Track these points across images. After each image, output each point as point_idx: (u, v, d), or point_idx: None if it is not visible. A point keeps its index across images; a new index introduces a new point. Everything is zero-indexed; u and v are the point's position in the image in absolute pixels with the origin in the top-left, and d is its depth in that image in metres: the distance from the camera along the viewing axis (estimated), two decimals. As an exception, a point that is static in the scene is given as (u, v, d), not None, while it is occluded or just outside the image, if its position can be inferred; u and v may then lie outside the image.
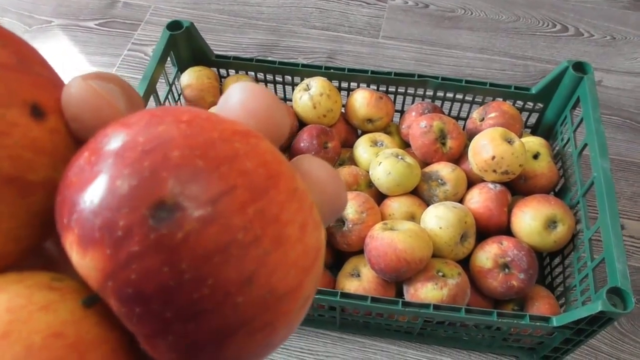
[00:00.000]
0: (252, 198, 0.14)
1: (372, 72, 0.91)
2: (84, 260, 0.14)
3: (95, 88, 0.17)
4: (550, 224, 0.77)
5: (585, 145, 0.79)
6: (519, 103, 0.93)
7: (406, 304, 0.69)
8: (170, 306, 0.13)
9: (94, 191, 0.14)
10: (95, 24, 1.26)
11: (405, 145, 0.95)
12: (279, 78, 0.96)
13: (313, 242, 0.16)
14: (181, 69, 0.94)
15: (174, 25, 0.88)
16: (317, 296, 0.69)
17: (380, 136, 0.91)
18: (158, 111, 0.15)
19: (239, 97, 0.18)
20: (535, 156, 0.85)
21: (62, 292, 0.15)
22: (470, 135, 0.89)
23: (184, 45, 0.91)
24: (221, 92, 0.94)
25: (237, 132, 0.15)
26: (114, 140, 0.14)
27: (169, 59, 0.90)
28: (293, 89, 0.95)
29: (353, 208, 0.79)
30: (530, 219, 0.78)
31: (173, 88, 0.93)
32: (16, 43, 0.17)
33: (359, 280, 0.77)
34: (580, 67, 0.85)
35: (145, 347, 0.15)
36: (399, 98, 0.98)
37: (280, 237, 0.15)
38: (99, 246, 0.13)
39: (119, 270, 0.13)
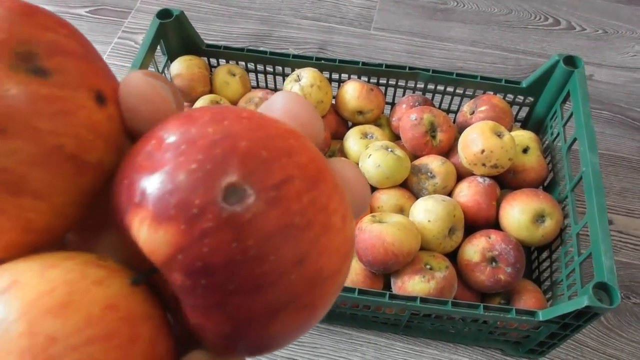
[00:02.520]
0: (306, 188, 0.16)
1: (363, 63, 0.91)
2: (156, 235, 0.15)
3: (154, 83, 0.18)
4: (539, 218, 0.78)
5: (575, 139, 0.79)
6: (510, 96, 0.93)
7: (393, 297, 0.69)
8: (234, 279, 0.15)
9: (169, 173, 0.15)
10: (86, 12, 1.24)
11: (396, 137, 0.95)
12: (269, 68, 0.96)
13: (350, 233, 0.18)
14: (171, 58, 0.93)
15: (164, 14, 0.87)
16: None
17: (371, 128, 0.91)
18: (217, 109, 0.17)
19: (284, 103, 0.19)
20: (525, 150, 0.85)
21: (109, 270, 0.17)
22: (461, 128, 0.89)
23: (174, 34, 0.90)
24: (211, 81, 0.93)
25: (289, 130, 0.17)
26: (183, 131, 0.16)
27: (158, 47, 0.89)
28: (284, 80, 0.94)
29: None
30: (518, 213, 0.78)
31: (162, 77, 0.92)
32: (78, 34, 0.18)
33: (347, 273, 0.77)
34: (571, 61, 0.85)
35: (197, 320, 0.16)
36: (390, 90, 0.97)
37: (328, 224, 0.16)
38: (174, 222, 0.15)
39: (191, 244, 0.15)
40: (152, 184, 0.15)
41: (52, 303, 0.15)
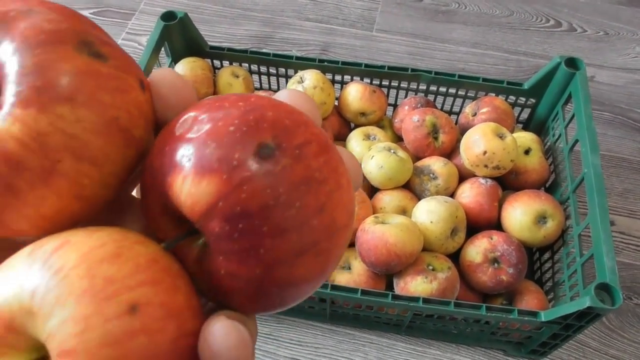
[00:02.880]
0: (321, 151, 0.19)
1: (366, 65, 0.91)
2: (199, 186, 0.17)
3: (181, 77, 0.22)
4: (540, 219, 0.78)
5: (577, 141, 0.80)
6: (511, 98, 0.93)
7: (396, 297, 0.69)
8: (267, 222, 0.17)
9: (209, 135, 0.18)
10: (90, 13, 1.25)
11: (398, 139, 0.95)
12: (272, 70, 0.96)
13: (353, 196, 0.21)
14: (175, 60, 0.93)
15: (168, 16, 0.88)
16: None
17: (373, 130, 0.91)
18: (239, 94, 0.20)
19: (288, 96, 0.22)
20: (527, 152, 0.85)
21: (143, 236, 0.19)
22: (463, 130, 0.90)
23: (178, 36, 0.90)
24: (215, 83, 0.94)
25: (300, 111, 0.20)
26: (216, 107, 0.19)
27: (162, 49, 0.89)
28: (287, 81, 0.95)
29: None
30: (520, 214, 0.78)
31: (166, 79, 0.92)
32: (109, 36, 0.21)
33: (350, 273, 0.78)
34: (572, 63, 0.85)
35: (230, 268, 0.18)
36: (392, 92, 0.98)
37: (339, 183, 0.19)
38: (217, 173, 0.17)
39: (232, 191, 0.17)
40: (193, 145, 0.18)
41: (104, 254, 0.17)
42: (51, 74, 0.17)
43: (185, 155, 0.18)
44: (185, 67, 0.91)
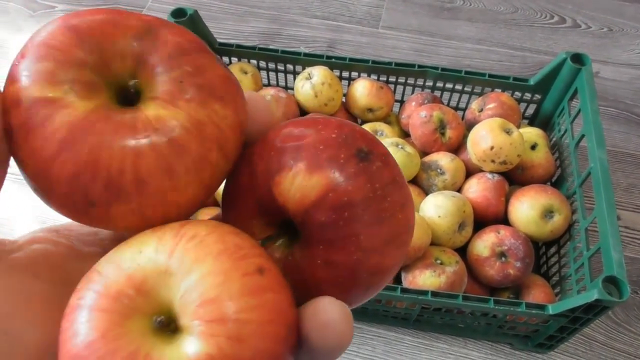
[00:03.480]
0: (395, 161, 0.22)
1: (373, 62, 0.92)
2: (310, 181, 0.20)
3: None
4: (547, 213, 0.79)
5: (583, 136, 0.80)
6: (517, 94, 0.94)
7: (404, 290, 0.70)
8: (368, 211, 0.20)
9: (316, 141, 0.21)
10: (98, 10, 1.26)
11: (405, 135, 0.96)
12: (280, 66, 0.97)
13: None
14: (183, 57, 0.94)
15: (177, 13, 0.89)
16: None
17: (380, 126, 0.92)
18: (317, 115, 0.24)
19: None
20: (533, 147, 0.86)
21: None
22: (469, 125, 0.90)
23: (187, 33, 0.91)
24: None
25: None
26: (308, 123, 0.22)
27: (171, 46, 0.90)
28: (294, 78, 0.96)
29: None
30: (527, 208, 0.79)
31: (175, 75, 0.93)
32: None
33: (359, 267, 0.78)
34: (578, 59, 0.86)
35: (330, 255, 0.20)
36: (399, 88, 0.99)
37: (408, 187, 0.23)
38: (326, 169, 0.20)
39: (340, 184, 0.20)
40: (302, 149, 0.21)
41: (228, 229, 0.19)
42: (209, 76, 0.20)
43: (294, 157, 0.21)
44: (194, 63, 0.91)
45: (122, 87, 0.20)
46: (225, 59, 0.98)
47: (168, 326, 0.18)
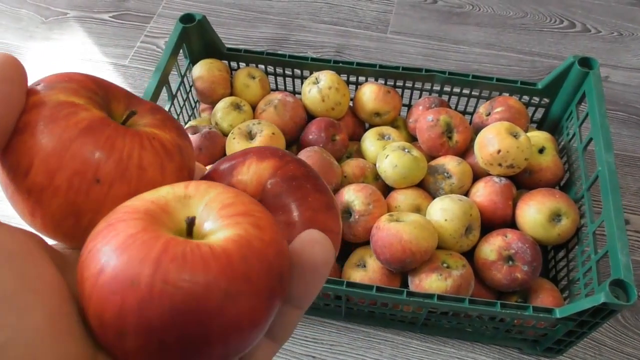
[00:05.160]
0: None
1: (380, 66, 0.92)
2: (261, 165, 0.26)
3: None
4: (555, 217, 0.78)
5: (591, 139, 0.80)
6: (525, 98, 0.94)
7: (411, 294, 0.70)
8: (309, 182, 0.26)
9: (258, 148, 0.27)
10: (109, 16, 1.28)
11: (412, 139, 0.96)
12: (288, 71, 0.98)
13: None
14: (193, 61, 0.95)
15: (186, 18, 0.90)
16: (323, 285, 0.70)
17: (388, 129, 0.92)
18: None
19: None
20: (541, 150, 0.86)
21: None
22: (477, 129, 0.90)
23: (196, 38, 0.92)
24: (232, 84, 0.96)
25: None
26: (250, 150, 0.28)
27: (181, 51, 0.91)
28: (302, 82, 0.96)
29: (360, 200, 0.80)
30: (535, 212, 0.79)
31: (185, 80, 0.94)
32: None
33: (365, 271, 0.79)
34: (586, 63, 0.86)
35: (291, 217, 0.25)
36: (407, 92, 0.99)
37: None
38: (271, 158, 0.26)
39: (284, 165, 0.26)
40: (250, 152, 0.27)
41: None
42: (175, 124, 0.27)
43: (245, 155, 0.26)
44: (203, 68, 0.92)
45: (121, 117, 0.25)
46: (234, 64, 0.99)
47: (195, 228, 0.20)
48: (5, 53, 0.21)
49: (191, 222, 0.20)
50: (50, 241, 0.23)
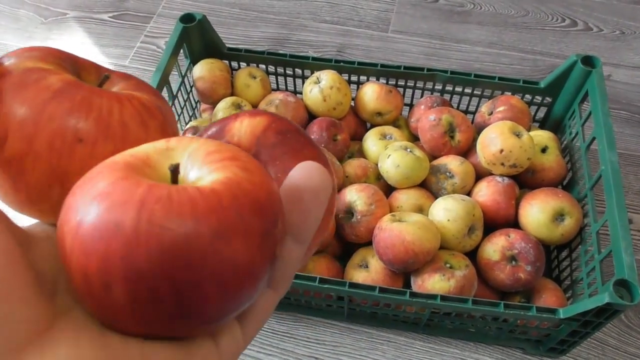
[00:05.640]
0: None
1: (382, 65, 0.92)
2: (255, 120, 0.26)
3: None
4: (558, 217, 0.78)
5: (594, 138, 0.80)
6: (528, 97, 0.93)
7: (414, 295, 0.70)
8: (301, 136, 0.26)
9: (248, 111, 0.27)
10: (109, 17, 1.28)
11: (414, 138, 0.95)
12: (289, 71, 0.97)
13: None
14: (193, 61, 0.95)
15: (187, 18, 0.89)
16: (325, 286, 0.70)
17: (389, 129, 0.92)
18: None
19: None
20: (544, 150, 0.85)
21: None
22: (479, 128, 0.90)
23: (197, 38, 0.92)
24: (233, 84, 0.95)
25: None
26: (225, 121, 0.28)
27: (181, 51, 0.91)
28: (303, 82, 0.96)
29: (362, 200, 0.79)
30: (538, 211, 0.78)
31: (185, 80, 0.94)
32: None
33: (367, 271, 0.78)
34: (588, 61, 0.85)
35: (288, 165, 0.24)
36: (408, 92, 0.98)
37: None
38: (263, 115, 0.26)
39: (276, 120, 0.26)
40: (240, 113, 0.27)
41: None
42: (147, 88, 0.26)
43: (237, 115, 0.26)
44: (204, 68, 0.92)
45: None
46: (234, 64, 0.98)
47: (180, 177, 0.19)
48: None
49: (175, 169, 0.19)
50: (32, 221, 0.22)
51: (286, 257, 0.21)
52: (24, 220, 0.22)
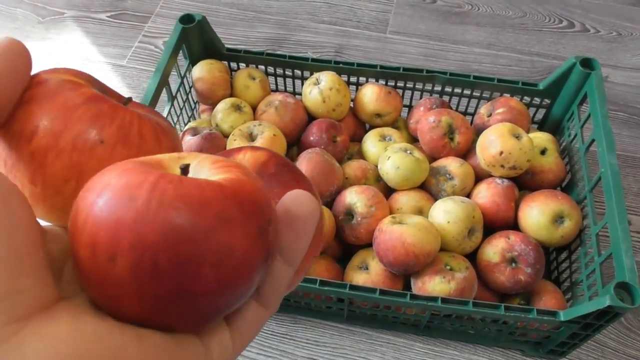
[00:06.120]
0: None
1: (381, 67, 0.92)
2: (256, 153, 0.28)
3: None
4: (558, 219, 0.78)
5: (593, 140, 0.80)
6: (526, 99, 0.94)
7: (414, 297, 0.70)
8: (295, 170, 0.28)
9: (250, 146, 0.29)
10: (107, 16, 1.27)
11: (413, 140, 0.95)
12: (288, 72, 0.97)
13: None
14: (193, 62, 0.94)
15: (186, 19, 0.89)
16: (325, 288, 0.70)
17: (389, 131, 0.92)
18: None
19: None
20: (543, 152, 0.86)
21: None
22: (478, 130, 0.90)
23: (196, 39, 0.91)
24: (232, 85, 0.95)
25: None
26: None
27: (180, 52, 0.90)
28: (302, 83, 0.96)
29: (362, 202, 0.79)
30: (537, 213, 0.78)
31: (184, 81, 0.94)
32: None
33: (367, 273, 0.78)
34: (587, 63, 0.86)
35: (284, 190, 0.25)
36: (407, 93, 0.98)
37: None
38: (265, 151, 0.28)
39: (276, 156, 0.28)
40: (245, 148, 0.29)
41: None
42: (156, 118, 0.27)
43: (241, 149, 0.29)
44: (203, 69, 0.91)
45: None
46: (233, 65, 0.98)
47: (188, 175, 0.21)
48: (11, 37, 0.22)
49: (185, 167, 0.21)
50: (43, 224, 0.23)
51: (276, 276, 0.23)
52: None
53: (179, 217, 0.18)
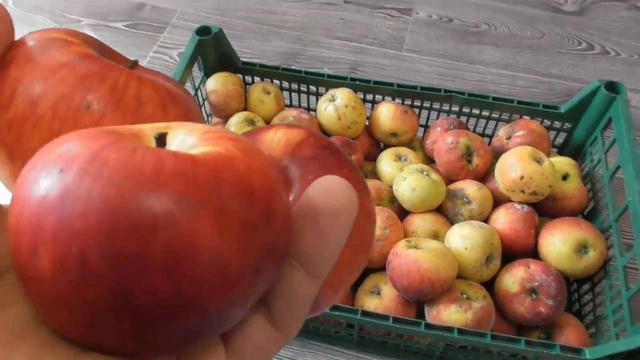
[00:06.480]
0: None
1: (398, 85, 0.90)
2: (292, 131, 0.24)
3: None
4: (581, 248, 0.75)
5: (618, 167, 0.77)
6: (546, 122, 0.91)
7: (429, 326, 0.66)
8: (337, 153, 0.24)
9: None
10: (123, 25, 1.27)
11: (429, 160, 0.93)
12: (303, 87, 0.95)
13: None
14: (207, 74, 0.92)
15: (202, 31, 0.87)
16: (335, 312, 0.67)
17: (405, 150, 0.89)
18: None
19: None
20: (565, 177, 0.83)
21: None
22: (496, 153, 0.87)
23: (212, 51, 0.89)
24: (246, 99, 0.93)
25: None
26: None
27: (195, 63, 0.88)
28: (317, 99, 0.93)
29: (376, 224, 0.76)
30: (560, 242, 0.75)
31: (199, 93, 0.92)
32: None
33: (380, 298, 0.75)
34: (612, 87, 0.83)
35: (310, 178, 0.22)
36: (423, 112, 0.96)
37: None
38: (304, 129, 0.24)
39: (316, 135, 0.24)
40: (279, 125, 0.25)
41: None
42: (162, 77, 0.24)
43: (273, 126, 0.25)
44: (218, 81, 0.89)
45: None
46: (248, 78, 0.96)
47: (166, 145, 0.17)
48: None
49: (160, 137, 0.16)
50: None
51: (293, 291, 0.17)
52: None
53: (119, 198, 0.13)
